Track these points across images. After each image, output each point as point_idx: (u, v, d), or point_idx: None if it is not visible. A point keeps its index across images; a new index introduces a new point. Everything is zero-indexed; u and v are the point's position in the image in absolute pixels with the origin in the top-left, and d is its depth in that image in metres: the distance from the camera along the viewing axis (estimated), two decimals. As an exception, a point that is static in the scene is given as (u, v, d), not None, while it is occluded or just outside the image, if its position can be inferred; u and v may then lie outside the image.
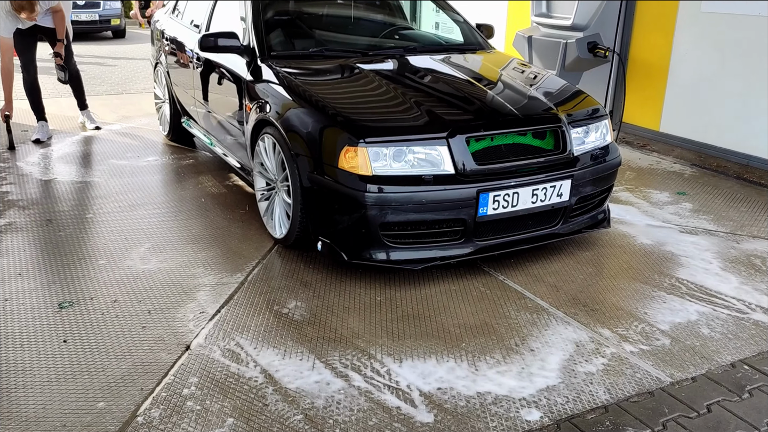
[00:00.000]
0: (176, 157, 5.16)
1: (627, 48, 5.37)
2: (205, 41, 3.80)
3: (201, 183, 4.54)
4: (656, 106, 5.29)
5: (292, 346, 2.61)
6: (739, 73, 4.63)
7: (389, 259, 3.04)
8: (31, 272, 3.19)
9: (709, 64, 4.82)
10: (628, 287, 3.17)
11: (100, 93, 7.63)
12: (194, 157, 5.14)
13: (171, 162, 5.05)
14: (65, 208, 4.02)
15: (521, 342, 2.67)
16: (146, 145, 5.48)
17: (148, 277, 3.16)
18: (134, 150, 5.32)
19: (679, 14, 5.00)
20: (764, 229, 3.88)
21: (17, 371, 2.42)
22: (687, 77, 5.02)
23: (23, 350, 2.55)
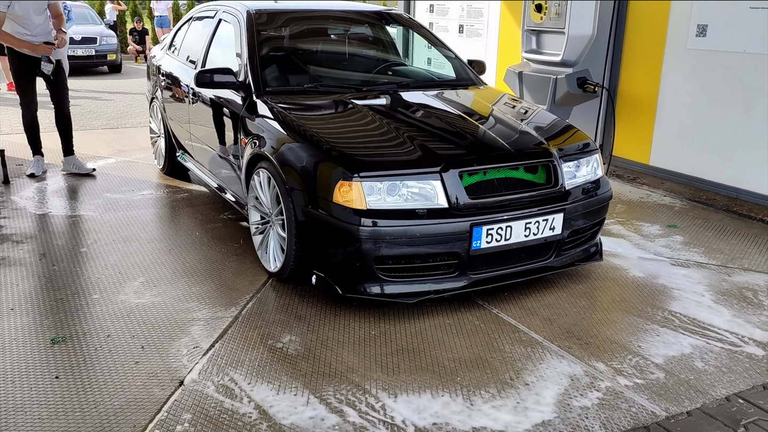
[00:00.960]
0: (171, 190, 5.17)
1: (616, 83, 5.44)
2: (201, 77, 3.84)
3: (195, 216, 4.54)
4: (645, 139, 5.35)
5: (287, 381, 2.59)
6: (725, 108, 4.69)
7: (383, 292, 3.04)
8: (24, 307, 3.16)
9: (697, 99, 4.90)
10: (621, 320, 3.17)
11: (95, 127, 7.66)
12: (189, 191, 5.14)
13: (166, 195, 5.05)
14: (59, 242, 4.01)
15: (516, 376, 2.66)
16: (141, 178, 5.48)
17: (142, 312, 3.14)
18: (129, 184, 5.32)
19: (666, 50, 5.09)
20: (755, 261, 3.90)
21: (8, 408, 2.38)
22: (675, 111, 5.09)
23: (14, 386, 2.52)
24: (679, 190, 5.17)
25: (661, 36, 5.10)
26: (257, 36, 4.12)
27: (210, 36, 4.64)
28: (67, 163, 5.59)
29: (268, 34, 4.27)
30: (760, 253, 4.03)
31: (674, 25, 5.00)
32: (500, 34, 6.58)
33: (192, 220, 4.48)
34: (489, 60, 6.57)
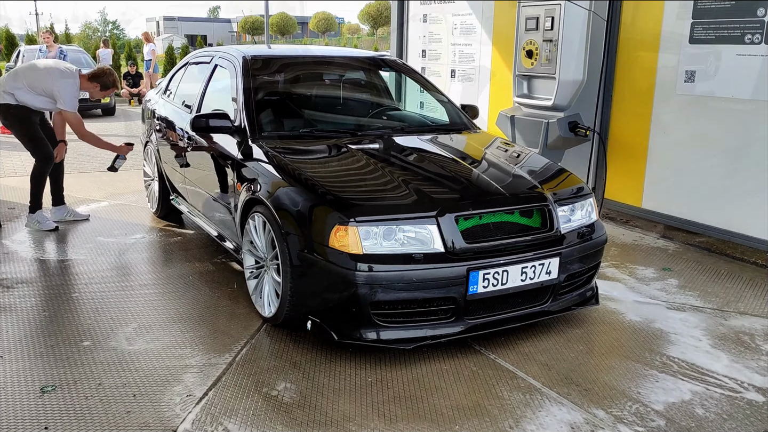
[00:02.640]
0: (164, 234, 5.16)
1: (607, 127, 5.50)
2: (197, 121, 3.88)
3: (189, 260, 4.52)
4: (637, 183, 5.40)
5: (282, 431, 2.54)
6: (716, 152, 4.75)
7: (380, 338, 3.02)
8: (13, 354, 3.12)
9: (687, 143, 4.96)
10: (619, 366, 3.15)
11: (88, 170, 7.67)
12: (182, 234, 5.13)
13: (159, 239, 5.04)
14: (50, 287, 3.98)
15: (515, 424, 2.62)
16: (134, 222, 5.47)
17: (134, 359, 3.09)
18: (122, 227, 5.30)
19: (656, 95, 5.17)
20: (750, 305, 3.91)
21: (-5, 461, 2.32)
22: (666, 155, 5.15)
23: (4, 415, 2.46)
24: (673, 234, 5.20)
25: (651, 80, 5.20)
26: (253, 81, 4.18)
27: (206, 81, 4.69)
28: (58, 212, 5.43)
29: (263, 79, 4.33)
30: (755, 296, 4.04)
31: (663, 69, 5.09)
32: (492, 78, 6.69)
33: (185, 264, 4.45)
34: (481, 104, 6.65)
